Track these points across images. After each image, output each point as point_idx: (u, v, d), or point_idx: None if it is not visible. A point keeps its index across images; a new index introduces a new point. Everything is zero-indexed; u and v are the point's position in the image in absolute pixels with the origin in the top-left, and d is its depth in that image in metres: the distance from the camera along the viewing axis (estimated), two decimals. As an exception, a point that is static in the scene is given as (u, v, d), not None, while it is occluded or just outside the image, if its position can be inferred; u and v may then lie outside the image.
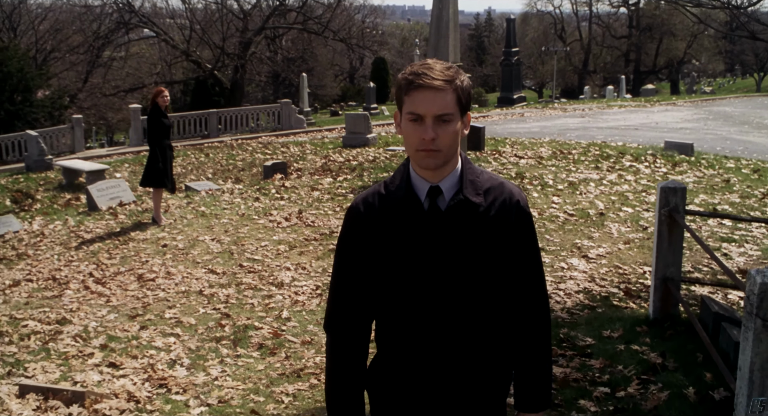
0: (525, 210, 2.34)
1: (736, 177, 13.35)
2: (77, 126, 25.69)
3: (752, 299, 3.89)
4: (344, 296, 2.38)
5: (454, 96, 2.18)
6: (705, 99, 37.12)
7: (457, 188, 2.28)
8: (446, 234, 2.25)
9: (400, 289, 2.29)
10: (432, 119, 2.15)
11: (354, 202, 2.39)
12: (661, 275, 6.43)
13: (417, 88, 2.16)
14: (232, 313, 7.49)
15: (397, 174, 2.35)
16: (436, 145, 2.17)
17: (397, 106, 2.29)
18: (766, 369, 3.89)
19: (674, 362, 5.50)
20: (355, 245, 2.33)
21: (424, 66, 2.20)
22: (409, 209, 2.26)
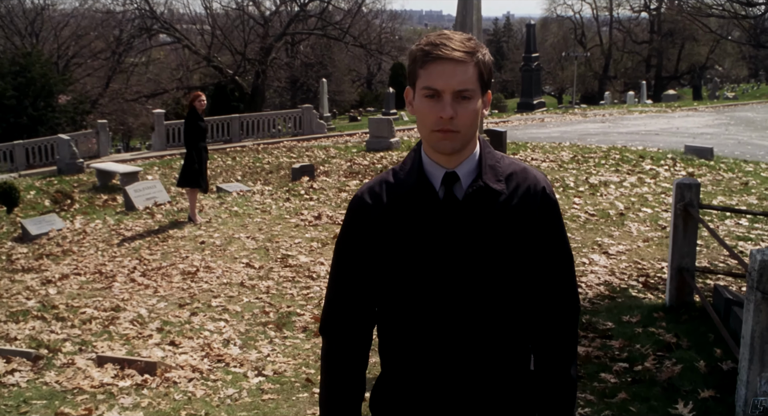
0: (551, 198, 2.14)
1: (755, 180, 13.90)
2: (102, 131, 26.54)
3: (753, 274, 4.53)
4: (344, 296, 2.17)
5: (475, 70, 2.00)
6: (727, 105, 37.55)
7: (476, 174, 2.08)
8: (464, 225, 2.04)
9: (411, 288, 2.07)
10: (451, 95, 1.96)
11: (358, 192, 2.18)
12: (676, 265, 7.07)
13: (434, 61, 1.97)
14: (273, 302, 8.18)
15: (408, 160, 2.14)
16: (455, 125, 1.97)
17: (408, 81, 2.09)
18: (765, 336, 4.52)
19: (687, 341, 6.14)
20: (359, 239, 2.12)
21: (442, 36, 2.01)
22: (421, 198, 2.06)
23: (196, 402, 5.36)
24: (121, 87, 37.84)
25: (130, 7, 35.93)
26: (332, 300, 2.21)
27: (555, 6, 60.99)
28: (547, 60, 54.78)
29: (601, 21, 61.04)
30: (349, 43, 38.96)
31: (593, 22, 61.58)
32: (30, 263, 10.98)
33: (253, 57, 36.62)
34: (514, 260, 2.08)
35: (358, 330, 2.19)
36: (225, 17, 38.47)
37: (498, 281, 2.07)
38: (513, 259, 2.08)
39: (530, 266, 2.12)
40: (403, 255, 2.05)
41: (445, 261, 2.03)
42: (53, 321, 7.78)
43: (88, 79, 37.99)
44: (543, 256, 2.14)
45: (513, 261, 2.08)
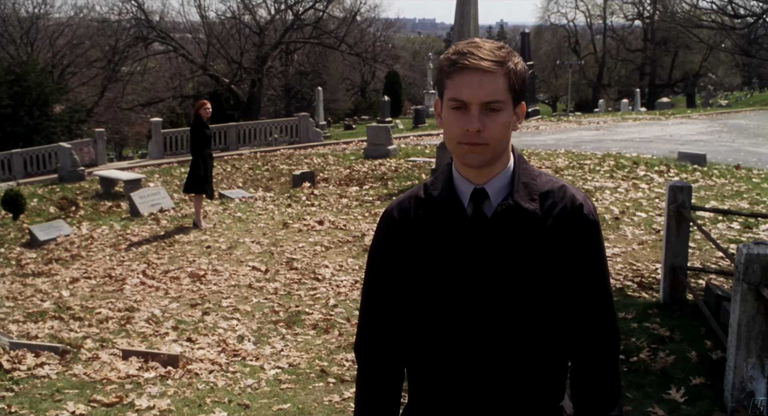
0: (590, 219, 2.02)
1: (747, 186, 14.34)
2: (100, 139, 26.89)
3: (740, 267, 4.93)
4: (378, 314, 2.13)
5: (505, 81, 1.92)
6: (720, 112, 38.11)
7: (507, 191, 1.99)
8: (492, 246, 1.96)
9: (436, 310, 2.01)
10: (478, 107, 1.89)
11: (388, 208, 2.14)
12: (670, 264, 7.48)
13: (461, 70, 1.89)
14: (282, 302, 8.56)
15: (440, 175, 2.09)
16: (483, 138, 1.89)
17: (437, 92, 2.02)
18: (751, 325, 4.92)
19: (680, 335, 6.54)
20: (390, 256, 2.07)
21: (470, 44, 1.94)
22: (449, 216, 1.99)
23: (219, 391, 5.75)
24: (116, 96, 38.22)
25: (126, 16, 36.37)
26: (366, 318, 2.16)
27: (549, 14, 61.60)
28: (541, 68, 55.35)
29: (595, 29, 61.66)
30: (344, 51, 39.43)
31: (587, 30, 62.20)
32: (40, 268, 11.33)
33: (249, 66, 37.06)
34: (546, 285, 1.97)
35: (393, 349, 2.13)
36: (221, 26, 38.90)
37: (527, 307, 1.97)
38: (545, 284, 1.97)
39: (564, 293, 2.00)
40: (429, 275, 1.99)
41: (471, 283, 1.96)
42: (71, 321, 8.15)
43: (83, 88, 38.35)
44: (579, 282, 2.01)
45: (545, 287, 1.97)
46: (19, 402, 5.42)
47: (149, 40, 36.22)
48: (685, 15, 11.39)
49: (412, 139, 26.51)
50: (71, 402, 5.36)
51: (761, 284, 4.81)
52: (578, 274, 2.00)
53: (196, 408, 5.38)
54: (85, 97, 38.49)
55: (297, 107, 45.68)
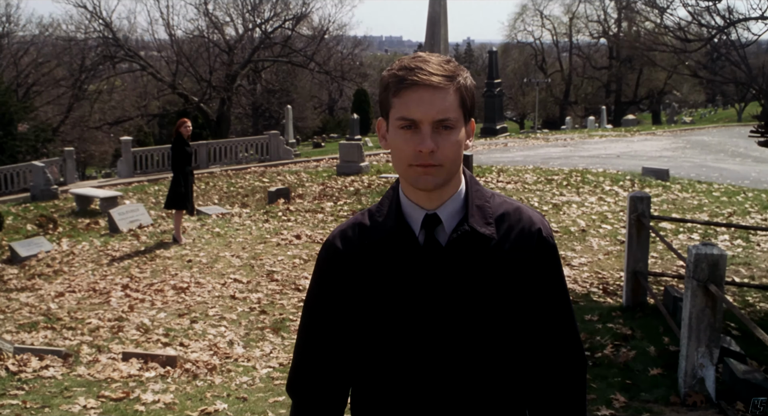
0: (548, 242, 1.96)
1: (707, 199, 15.16)
2: (69, 158, 27.18)
3: (690, 266, 5.60)
4: (315, 352, 1.99)
5: (456, 97, 1.83)
6: (684, 129, 39.33)
7: (461, 215, 1.90)
8: (447, 275, 1.87)
9: (387, 346, 1.90)
10: (430, 126, 1.79)
11: (330, 237, 2.02)
12: (631, 269, 8.16)
13: (410, 87, 1.79)
14: (267, 310, 9.09)
15: (385, 200, 1.98)
16: (436, 158, 1.80)
17: (381, 112, 1.92)
18: (700, 317, 5.57)
19: (641, 333, 7.21)
20: (331, 290, 1.96)
21: (417, 59, 1.85)
22: (399, 244, 1.89)
23: (217, 387, 6.28)
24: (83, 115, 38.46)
25: (93, 34, 36.67)
26: (302, 357, 2.03)
27: (515, 32, 62.81)
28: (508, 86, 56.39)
29: (561, 47, 62.95)
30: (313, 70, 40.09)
31: (553, 48, 63.50)
32: (23, 283, 11.73)
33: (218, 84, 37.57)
34: (505, 315, 1.89)
35: (330, 391, 2.02)
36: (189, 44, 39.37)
37: (486, 338, 1.89)
38: (504, 313, 1.89)
39: (524, 321, 1.93)
40: (379, 308, 1.89)
41: (425, 316, 1.86)
42: (63, 330, 8.61)
43: (48, 107, 38.54)
44: (540, 309, 1.95)
45: (504, 316, 1.89)
46: (32, 399, 5.91)
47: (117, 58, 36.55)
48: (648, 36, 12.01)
49: (382, 156, 27.15)
50: (81, 398, 5.87)
51: (709, 281, 5.48)
52: (539, 300, 1.94)
53: (197, 401, 5.92)
54: (51, 116, 38.68)
55: (265, 126, 46.21)
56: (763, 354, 6.36)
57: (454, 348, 1.87)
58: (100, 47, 36.66)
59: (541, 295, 1.95)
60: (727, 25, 7.17)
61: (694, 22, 8.14)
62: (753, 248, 11.21)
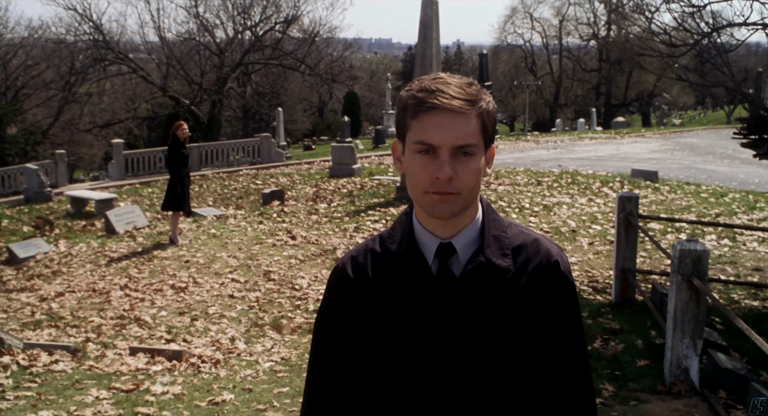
0: (566, 277, 1.89)
1: (695, 200, 15.54)
2: (60, 161, 27.37)
3: (675, 261, 5.93)
4: (327, 385, 1.95)
5: (478, 122, 1.78)
6: (674, 131, 39.83)
7: (477, 246, 1.85)
8: (460, 308, 1.81)
9: (396, 379, 1.86)
10: (449, 152, 1.75)
11: (340, 262, 1.97)
12: (620, 266, 8.50)
13: (429, 110, 1.75)
14: (265, 308, 9.39)
15: (397, 226, 1.93)
16: (454, 186, 1.75)
17: (397, 134, 1.89)
18: (685, 310, 5.90)
19: (629, 327, 7.54)
20: (342, 318, 1.91)
21: (438, 81, 1.80)
22: (411, 274, 1.84)
23: (222, 379, 6.58)
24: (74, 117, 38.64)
25: (83, 37, 36.87)
26: (314, 390, 1.97)
27: (505, 34, 63.26)
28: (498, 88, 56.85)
29: (551, 49, 63.47)
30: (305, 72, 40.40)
31: (543, 51, 64.01)
32: (22, 284, 11.98)
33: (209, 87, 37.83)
34: (518, 352, 1.82)
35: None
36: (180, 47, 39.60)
37: (497, 374, 1.82)
38: (517, 350, 1.82)
39: (537, 360, 1.85)
40: (389, 339, 1.83)
41: (435, 349, 1.80)
42: (67, 328, 8.88)
43: (38, 110, 38.71)
44: (553, 349, 1.86)
45: (517, 353, 1.82)
46: (45, 390, 6.19)
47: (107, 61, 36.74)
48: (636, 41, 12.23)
49: (374, 158, 27.47)
50: (93, 389, 6.15)
51: (693, 275, 5.81)
52: (554, 339, 1.86)
53: (205, 392, 6.21)
54: (41, 119, 38.84)
55: (255, 128, 46.47)
56: (745, 346, 6.69)
57: (464, 382, 1.81)
58: (90, 50, 36.85)
59: (556, 334, 1.86)
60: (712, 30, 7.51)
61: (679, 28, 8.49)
62: (739, 248, 11.57)
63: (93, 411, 5.71)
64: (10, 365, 6.89)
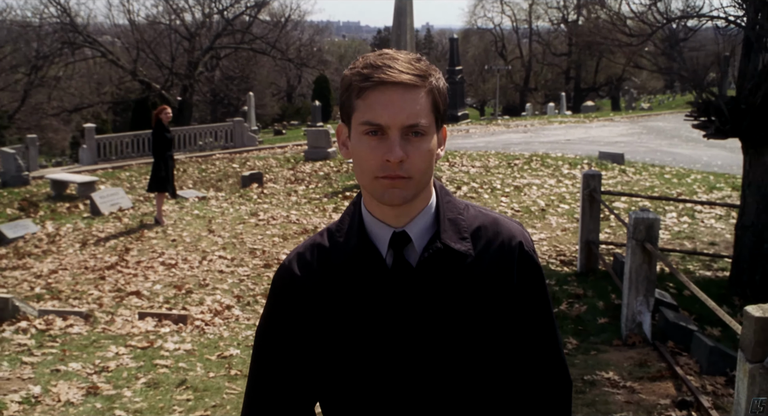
0: (530, 256, 1.81)
1: (659, 181, 16.55)
2: (32, 145, 27.84)
3: (630, 228, 6.85)
4: (269, 392, 1.83)
5: (428, 99, 1.68)
6: (641, 115, 41.02)
7: (433, 232, 1.75)
8: (420, 300, 1.72)
9: (355, 381, 1.75)
10: (399, 132, 1.63)
11: (285, 261, 1.86)
12: (585, 239, 9.45)
13: (375, 87, 1.63)
14: (255, 282, 10.21)
15: (345, 217, 1.82)
16: (406, 169, 1.64)
17: (341, 117, 1.77)
18: (639, 271, 6.82)
19: (592, 292, 8.49)
20: (286, 322, 1.79)
21: (383, 56, 1.68)
22: (364, 267, 1.74)
23: (226, 339, 7.42)
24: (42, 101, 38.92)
25: (50, 20, 37.10)
26: (254, 397, 1.86)
27: (475, 18, 64.16)
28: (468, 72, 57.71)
29: (521, 33, 64.51)
30: (276, 57, 41.02)
31: (513, 35, 65.01)
32: (14, 263, 12.66)
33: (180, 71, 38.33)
34: (484, 339, 1.75)
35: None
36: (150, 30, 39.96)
37: (465, 365, 1.74)
38: (484, 337, 1.75)
39: (506, 344, 1.78)
40: (345, 340, 1.73)
41: (397, 345, 1.72)
42: (69, 300, 9.64)
43: (3, 94, 38.91)
44: (522, 332, 1.80)
45: (484, 340, 1.75)
46: (67, 348, 6.99)
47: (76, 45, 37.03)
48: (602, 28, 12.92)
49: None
50: (112, 347, 6.96)
51: (645, 240, 6.73)
52: (521, 322, 1.79)
53: (213, 349, 7.05)
54: (6, 103, 39.05)
55: (224, 113, 46.99)
56: (694, 306, 7.67)
57: (430, 378, 1.72)
58: (58, 33, 37.09)
59: (524, 316, 1.79)
60: (666, 22, 8.42)
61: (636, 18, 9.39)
62: (697, 225, 12.56)
63: (116, 364, 6.53)
64: (29, 329, 7.67)
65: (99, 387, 5.96)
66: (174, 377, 6.27)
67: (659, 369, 6.19)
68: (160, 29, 40.48)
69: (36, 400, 5.68)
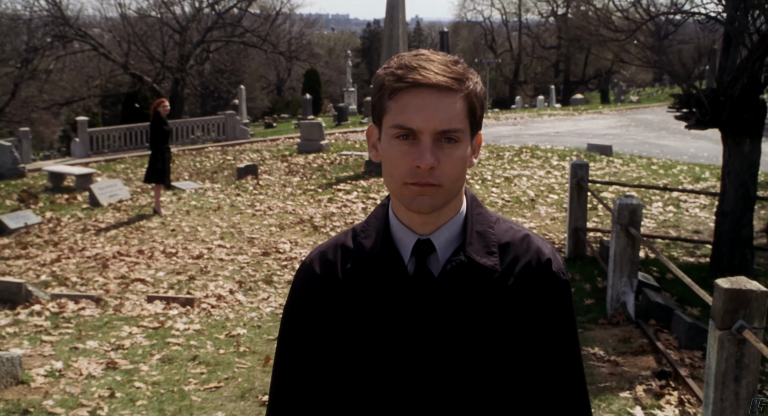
0: (559, 277, 1.76)
1: (646, 172, 17.04)
2: (25, 138, 28.14)
3: (615, 213, 7.31)
4: (292, 394, 1.83)
5: (464, 104, 1.62)
6: (630, 108, 41.56)
7: (459, 243, 1.70)
8: (439, 312, 1.67)
9: (368, 388, 1.72)
10: (431, 137, 1.58)
11: (307, 259, 1.84)
12: (573, 226, 9.91)
13: (409, 89, 1.58)
14: (255, 269, 10.63)
15: (372, 219, 1.80)
16: (436, 177, 1.59)
17: (372, 117, 1.72)
18: (623, 254, 7.28)
19: (580, 276, 8.96)
20: (307, 320, 1.78)
21: (419, 57, 1.63)
22: (385, 273, 1.70)
23: (232, 320, 7.86)
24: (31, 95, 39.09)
25: (41, 13, 37.28)
26: (277, 399, 1.87)
27: (465, 11, 64.70)
28: (458, 65, 58.12)
29: (511, 26, 64.98)
30: (268, 50, 41.36)
31: (503, 28, 65.48)
32: (17, 252, 13.03)
33: (172, 64, 38.62)
34: (503, 361, 1.70)
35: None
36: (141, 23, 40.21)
37: (479, 386, 1.69)
38: (502, 359, 1.69)
39: (525, 369, 1.72)
40: (359, 345, 1.72)
41: (410, 357, 1.68)
42: (76, 286, 10.04)
43: (-8, 87, 39.07)
44: (543, 357, 1.74)
45: (502, 362, 1.70)
46: (83, 328, 7.41)
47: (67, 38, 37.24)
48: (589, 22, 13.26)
49: (338, 135, 28.67)
50: (125, 327, 7.39)
51: (629, 224, 7.19)
52: (545, 345, 1.73)
53: (221, 328, 7.49)
54: (-4, 97, 39.23)
55: (213, 106, 47.30)
56: (676, 288, 8.15)
57: (442, 394, 1.67)
58: (48, 26, 37.29)
59: (548, 339, 1.73)
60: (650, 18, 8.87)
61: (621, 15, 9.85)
62: (682, 213, 13.05)
63: (131, 342, 6.96)
64: (43, 312, 8.09)
65: (117, 363, 6.40)
66: (186, 353, 6.71)
67: (641, 344, 6.66)
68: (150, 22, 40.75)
69: (60, 374, 6.11)
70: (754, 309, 4.38)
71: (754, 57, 7.85)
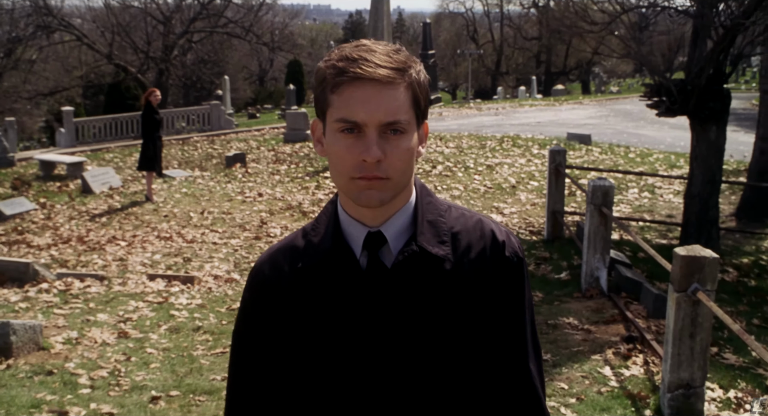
0: (513, 261, 1.72)
1: (623, 160, 17.68)
2: (10, 128, 28.40)
3: (589, 194, 7.89)
4: (247, 398, 1.79)
5: (408, 94, 1.59)
6: (610, 98, 42.29)
7: (410, 233, 1.68)
8: (394, 305, 1.65)
9: (329, 387, 1.70)
10: (376, 130, 1.55)
11: (257, 262, 1.82)
12: (551, 209, 10.50)
13: (351, 82, 1.55)
14: (249, 251, 11.15)
15: (322, 217, 1.76)
16: (384, 170, 1.57)
17: (316, 112, 1.67)
18: (597, 233, 7.86)
19: (557, 255, 9.55)
20: (260, 325, 1.74)
21: (360, 48, 1.59)
22: (337, 269, 1.67)
23: (231, 295, 8.39)
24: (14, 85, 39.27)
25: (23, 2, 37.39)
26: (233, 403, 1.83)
27: (447, 2, 65.20)
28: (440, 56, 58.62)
29: (492, 17, 65.59)
30: (252, 41, 41.73)
31: (485, 19, 66.07)
32: (14, 238, 13.47)
33: (156, 55, 38.92)
34: (458, 348, 1.67)
35: None
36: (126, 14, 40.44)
37: (436, 372, 1.67)
38: (457, 346, 1.67)
39: (482, 351, 1.70)
40: (316, 345, 1.68)
41: (369, 351, 1.66)
42: (77, 268, 10.53)
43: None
44: (502, 341, 1.72)
45: (457, 349, 1.67)
46: (91, 304, 7.92)
47: (50, 28, 37.43)
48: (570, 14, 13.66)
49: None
50: (132, 302, 7.91)
51: (602, 204, 7.78)
52: (499, 327, 1.71)
53: (221, 303, 8.03)
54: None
55: (196, 97, 47.61)
56: (646, 265, 8.76)
57: (401, 382, 1.67)
58: (31, 17, 37.43)
59: (501, 321, 1.71)
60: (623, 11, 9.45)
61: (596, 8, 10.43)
62: (657, 199, 13.69)
63: (138, 315, 7.49)
64: (51, 289, 8.59)
65: (128, 333, 6.92)
66: (191, 324, 7.25)
67: (612, 314, 7.25)
68: (134, 12, 41.00)
69: (76, 341, 6.63)
70: (707, 274, 4.97)
71: (719, 49, 8.45)
